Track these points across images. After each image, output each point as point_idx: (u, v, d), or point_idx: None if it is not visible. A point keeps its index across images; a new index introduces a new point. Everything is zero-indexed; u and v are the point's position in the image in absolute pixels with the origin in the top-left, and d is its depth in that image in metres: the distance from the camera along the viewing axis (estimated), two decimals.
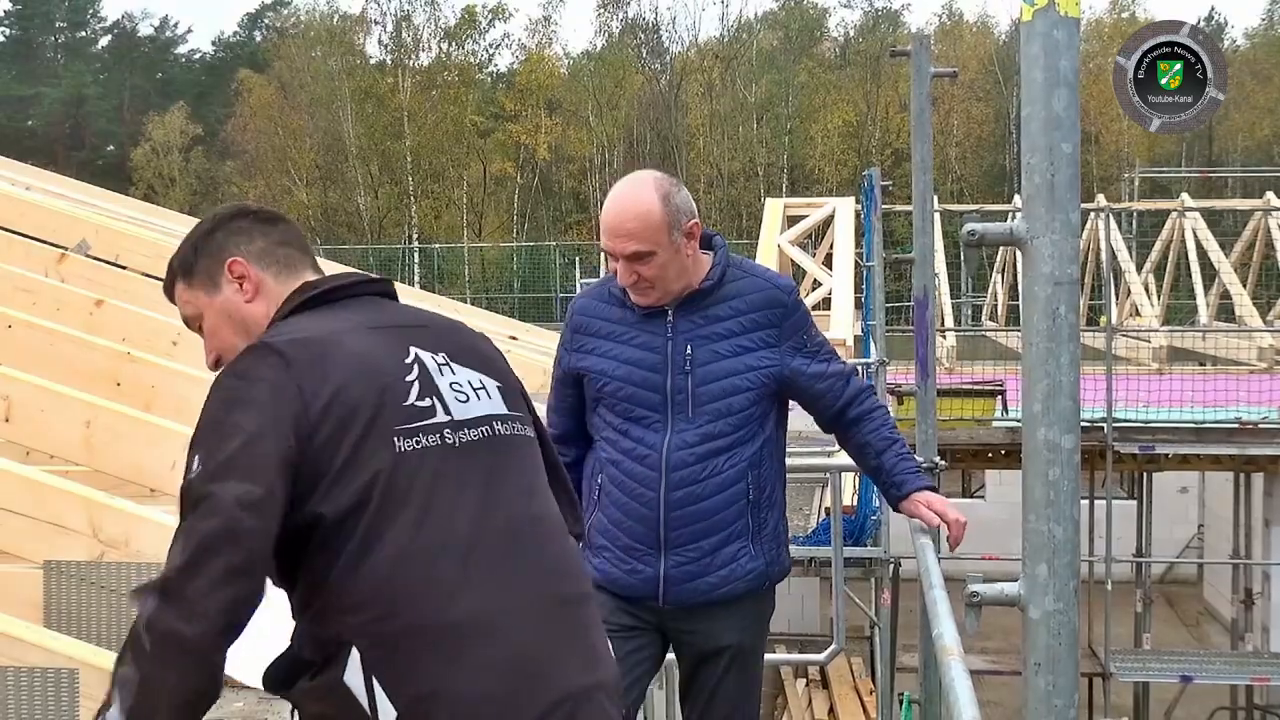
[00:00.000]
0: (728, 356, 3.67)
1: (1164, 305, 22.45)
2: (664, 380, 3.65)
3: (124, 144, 63.18)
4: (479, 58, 62.10)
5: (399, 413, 2.35)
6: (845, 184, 44.51)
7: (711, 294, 3.69)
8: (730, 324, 3.69)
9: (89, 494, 4.66)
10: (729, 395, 3.66)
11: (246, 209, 2.70)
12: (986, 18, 60.87)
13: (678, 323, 3.67)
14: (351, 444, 2.28)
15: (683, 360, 3.64)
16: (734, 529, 3.68)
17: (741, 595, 3.73)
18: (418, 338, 2.49)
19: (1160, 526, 17.94)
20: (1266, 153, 51.66)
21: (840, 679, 14.12)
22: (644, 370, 3.65)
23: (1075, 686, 2.12)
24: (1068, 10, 2.02)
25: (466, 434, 2.40)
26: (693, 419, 3.63)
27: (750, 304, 3.71)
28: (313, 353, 2.35)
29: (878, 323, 11.65)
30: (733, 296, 3.71)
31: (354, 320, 2.48)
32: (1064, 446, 2.06)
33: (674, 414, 3.64)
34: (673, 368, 3.64)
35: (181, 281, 2.65)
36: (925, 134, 5.28)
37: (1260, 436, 14.54)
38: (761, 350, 3.70)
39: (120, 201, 12.94)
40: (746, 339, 3.69)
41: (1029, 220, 2.07)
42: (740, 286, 3.73)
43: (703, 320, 3.68)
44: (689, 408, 3.64)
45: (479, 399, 2.46)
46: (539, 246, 44.29)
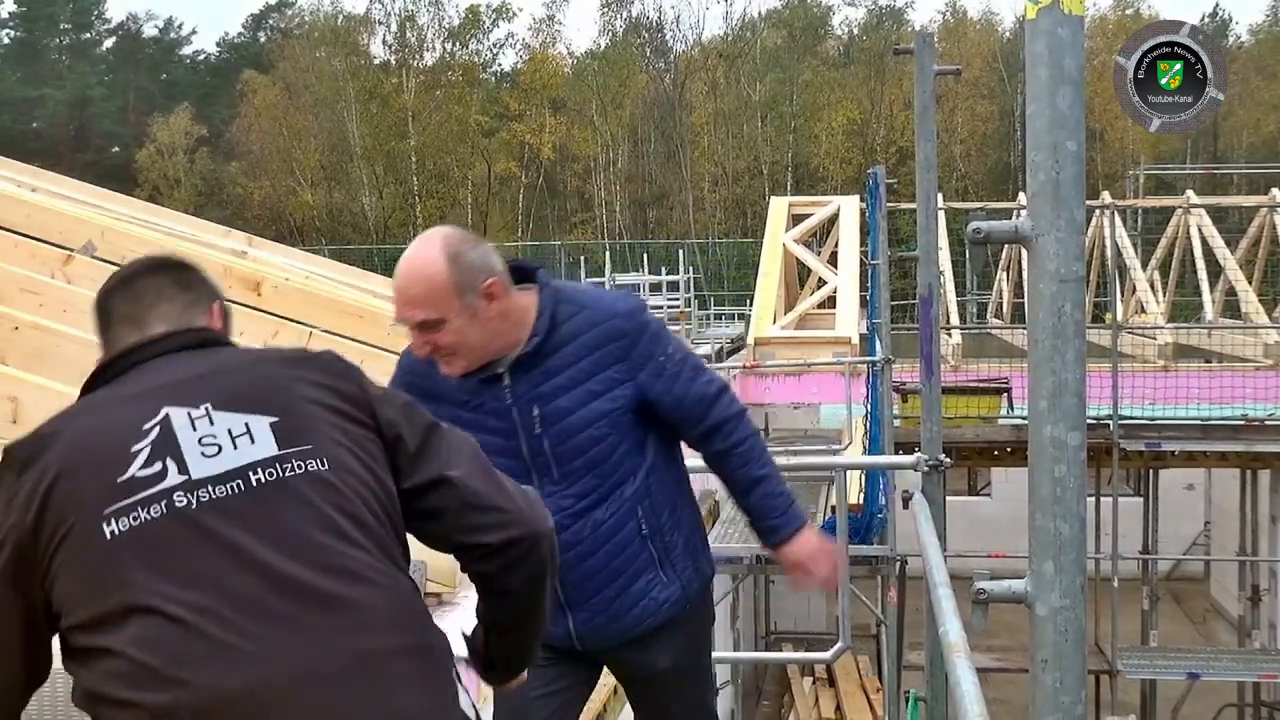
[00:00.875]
0: (578, 408, 3.33)
1: (1169, 302, 22.43)
2: (520, 445, 3.33)
3: (129, 145, 63.30)
4: (483, 57, 62.32)
5: (112, 492, 2.15)
6: (850, 182, 44.56)
7: (543, 348, 3.32)
8: (572, 373, 3.34)
9: None
10: (591, 448, 3.35)
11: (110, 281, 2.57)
12: (990, 14, 61.13)
13: (515, 386, 3.33)
14: (65, 544, 2.14)
15: (531, 423, 3.33)
16: (636, 565, 3.46)
17: (663, 624, 3.52)
18: (180, 394, 2.26)
19: (1167, 523, 17.92)
20: (1272, 149, 51.61)
21: (847, 677, 14.14)
22: (499, 439, 3.29)
23: (1082, 683, 2.13)
24: (1072, 8, 2.02)
25: (208, 492, 2.17)
26: (559, 481, 3.34)
27: (590, 343, 3.34)
28: (34, 450, 2.21)
29: (883, 321, 11.61)
30: (569, 340, 3.34)
31: (120, 392, 2.32)
32: (1070, 444, 2.06)
33: (541, 478, 3.33)
34: (524, 433, 3.33)
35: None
36: (929, 132, 5.28)
37: (1266, 433, 14.53)
38: (615, 390, 3.36)
39: (125, 203, 12.95)
40: (594, 384, 3.34)
41: (1034, 218, 2.07)
42: (576, 325, 3.34)
43: (542, 376, 3.33)
44: (553, 469, 3.34)
45: (235, 447, 2.21)
46: (544, 246, 44.30)
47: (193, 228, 12.50)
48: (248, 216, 52.88)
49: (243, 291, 9.16)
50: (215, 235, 12.27)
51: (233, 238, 12.62)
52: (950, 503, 5.45)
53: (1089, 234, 23.55)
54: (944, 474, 5.21)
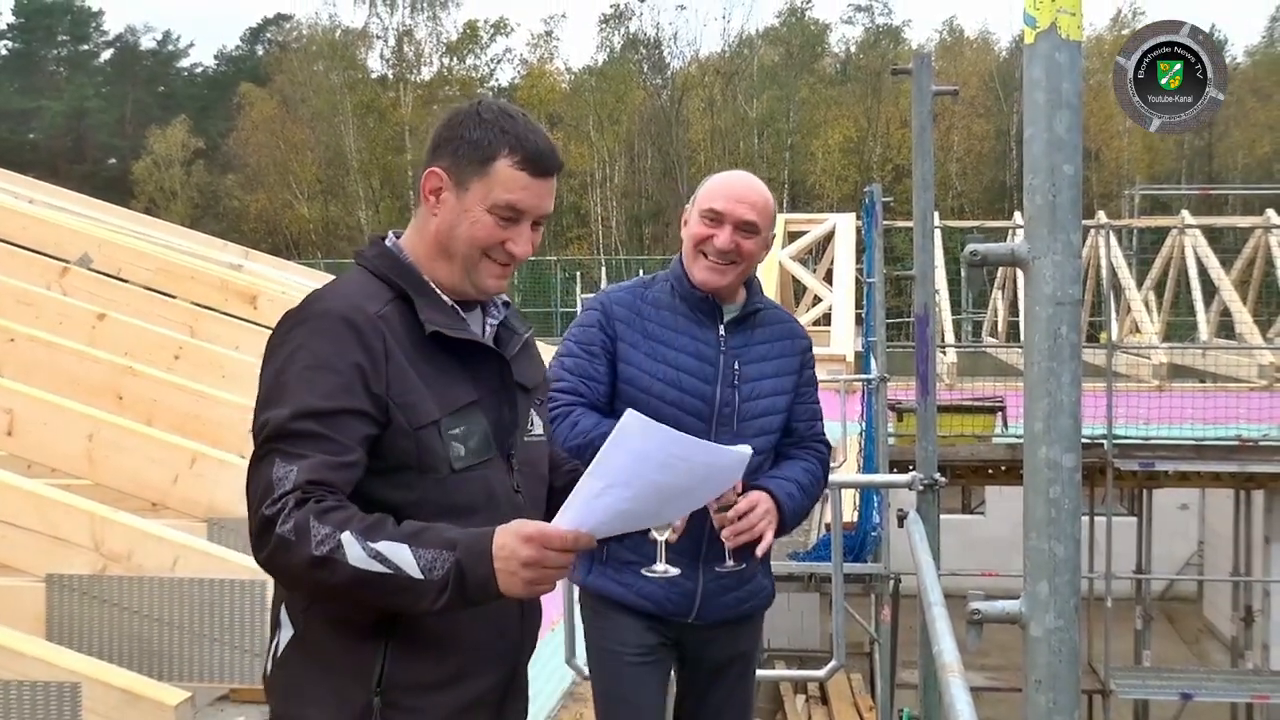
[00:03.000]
0: (769, 377, 3.70)
1: (1164, 322, 22.47)
2: (713, 391, 3.63)
3: (125, 157, 63.28)
4: (480, 72, 62.30)
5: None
6: (846, 199, 44.61)
7: (754, 318, 3.74)
8: (766, 349, 3.73)
9: (91, 507, 4.66)
10: (767, 414, 3.69)
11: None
12: (988, 34, 61.11)
13: (730, 338, 3.69)
14: None
15: (731, 375, 3.65)
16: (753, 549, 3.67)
17: (756, 611, 3.82)
18: None
19: (1160, 543, 17.95)
20: (1267, 170, 51.71)
21: (840, 695, 14.11)
22: (695, 379, 3.63)
23: (1076, 704, 2.13)
24: (1070, 34, 2.03)
25: None
26: (737, 432, 3.61)
27: (783, 342, 3.78)
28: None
29: (878, 339, 11.65)
30: (767, 324, 3.77)
31: None
32: (1065, 465, 2.07)
33: (718, 426, 3.61)
34: (722, 380, 3.64)
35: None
36: (926, 151, 5.29)
37: (1261, 454, 14.55)
38: (786, 379, 3.74)
39: (122, 215, 12.98)
40: (775, 365, 3.73)
41: (1031, 241, 2.08)
42: (772, 316, 3.81)
43: (747, 341, 3.71)
44: (734, 422, 3.63)
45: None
46: (540, 261, 44.18)
47: (189, 240, 12.51)
48: (244, 229, 52.85)
49: (239, 304, 9.17)
50: (212, 248, 12.28)
51: (229, 251, 12.63)
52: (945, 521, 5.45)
53: (1084, 253, 23.60)
54: (938, 492, 5.22)
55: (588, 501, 2.30)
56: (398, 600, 2.29)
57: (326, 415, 2.36)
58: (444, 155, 2.57)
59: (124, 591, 4.33)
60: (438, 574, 2.26)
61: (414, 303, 2.52)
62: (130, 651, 4.24)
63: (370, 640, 2.45)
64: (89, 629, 4.27)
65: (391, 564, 2.25)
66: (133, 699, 3.70)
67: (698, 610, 3.67)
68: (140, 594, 4.32)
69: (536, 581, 2.30)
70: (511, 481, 2.61)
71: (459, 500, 2.47)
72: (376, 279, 2.56)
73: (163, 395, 6.21)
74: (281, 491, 2.29)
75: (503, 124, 2.56)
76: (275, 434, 2.36)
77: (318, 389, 2.37)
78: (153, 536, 4.59)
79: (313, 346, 2.41)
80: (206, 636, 4.27)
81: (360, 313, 2.45)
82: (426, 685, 2.48)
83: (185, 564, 4.50)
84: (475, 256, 2.56)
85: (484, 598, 2.29)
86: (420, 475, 2.45)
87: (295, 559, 2.27)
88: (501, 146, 2.53)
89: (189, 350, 7.35)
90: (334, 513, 2.28)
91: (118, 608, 4.30)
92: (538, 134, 2.58)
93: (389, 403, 2.42)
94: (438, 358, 2.51)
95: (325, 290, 2.58)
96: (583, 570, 3.72)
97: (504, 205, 2.53)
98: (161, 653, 4.26)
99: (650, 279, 3.81)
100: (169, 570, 4.48)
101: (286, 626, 2.52)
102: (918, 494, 5.19)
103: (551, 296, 39.13)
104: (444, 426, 2.47)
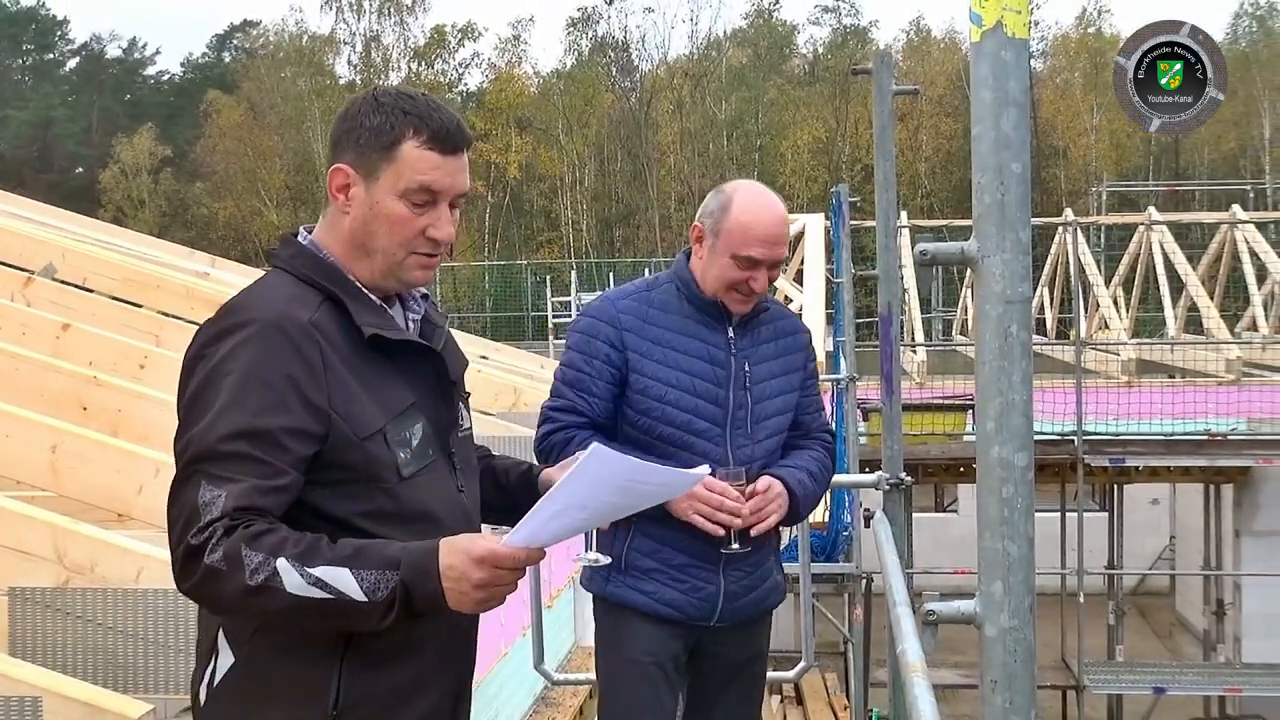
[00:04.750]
0: (778, 376, 3.71)
1: (1133, 318, 22.56)
2: (727, 395, 3.62)
3: (92, 166, 62.93)
4: (449, 77, 62.18)
5: None
6: (815, 200, 44.61)
7: (758, 317, 3.73)
8: (772, 348, 3.73)
9: (54, 519, 4.63)
10: (778, 414, 3.70)
11: None
12: (954, 34, 61.13)
13: (739, 340, 3.67)
14: None
15: (743, 378, 3.64)
16: (769, 545, 3.75)
17: (771, 609, 3.85)
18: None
19: (1132, 538, 18.01)
20: (1233, 166, 52.07)
21: (815, 695, 14.11)
22: (709, 383, 3.61)
23: (1032, 703, 2.13)
24: (1016, 32, 2.03)
25: None
26: (751, 434, 3.63)
27: (788, 339, 3.78)
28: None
29: (847, 338, 11.66)
30: (771, 322, 3.77)
31: None
32: (1017, 464, 2.06)
33: (733, 430, 3.61)
34: (735, 383, 3.63)
35: None
36: (888, 151, 5.31)
37: (1229, 448, 14.64)
38: (792, 376, 3.76)
39: (88, 224, 12.90)
40: (782, 363, 3.74)
41: (980, 239, 2.07)
42: (774, 314, 3.81)
43: (754, 341, 3.70)
44: (748, 424, 3.63)
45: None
46: (510, 265, 44.26)
47: (155, 249, 12.44)
48: (213, 237, 52.63)
49: (206, 313, 9.11)
50: (178, 256, 12.22)
51: (195, 259, 12.57)
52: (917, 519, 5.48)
53: (1052, 250, 23.73)
54: (907, 492, 5.23)
55: (543, 522, 2.25)
56: (340, 622, 2.24)
57: (257, 435, 2.24)
58: (347, 149, 2.45)
59: (87, 604, 4.29)
60: (382, 595, 2.19)
61: (345, 305, 2.41)
62: (93, 664, 4.21)
63: (323, 661, 2.35)
64: (51, 642, 4.23)
65: (332, 589, 2.17)
66: (95, 712, 3.67)
67: (719, 613, 3.66)
68: (104, 606, 4.28)
69: (488, 600, 2.25)
70: (455, 481, 2.55)
71: (408, 508, 2.39)
72: (300, 281, 2.43)
73: (128, 405, 6.17)
74: (209, 519, 2.18)
75: (403, 105, 2.44)
76: (200, 455, 2.24)
77: (248, 406, 2.25)
78: (116, 548, 4.56)
79: (243, 358, 2.29)
80: (171, 648, 4.24)
81: (292, 321, 2.33)
82: (383, 700, 2.41)
83: (149, 575, 4.47)
84: (397, 250, 2.44)
85: (431, 613, 2.24)
86: (368, 485, 2.36)
87: (227, 590, 2.18)
88: (405, 128, 2.41)
89: (154, 360, 7.30)
90: (266, 537, 2.18)
91: (81, 620, 4.26)
92: (441, 111, 2.46)
93: (330, 414, 2.31)
94: (374, 361, 2.41)
95: (246, 297, 2.45)
96: (600, 581, 3.71)
97: (417, 188, 2.41)
98: (125, 665, 4.22)
99: (653, 281, 3.76)
100: (133, 582, 4.45)
101: (226, 653, 2.39)
102: (884, 493, 5.21)
103: (522, 301, 39.11)
104: (389, 434, 2.38)
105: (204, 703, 2.43)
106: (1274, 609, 16.28)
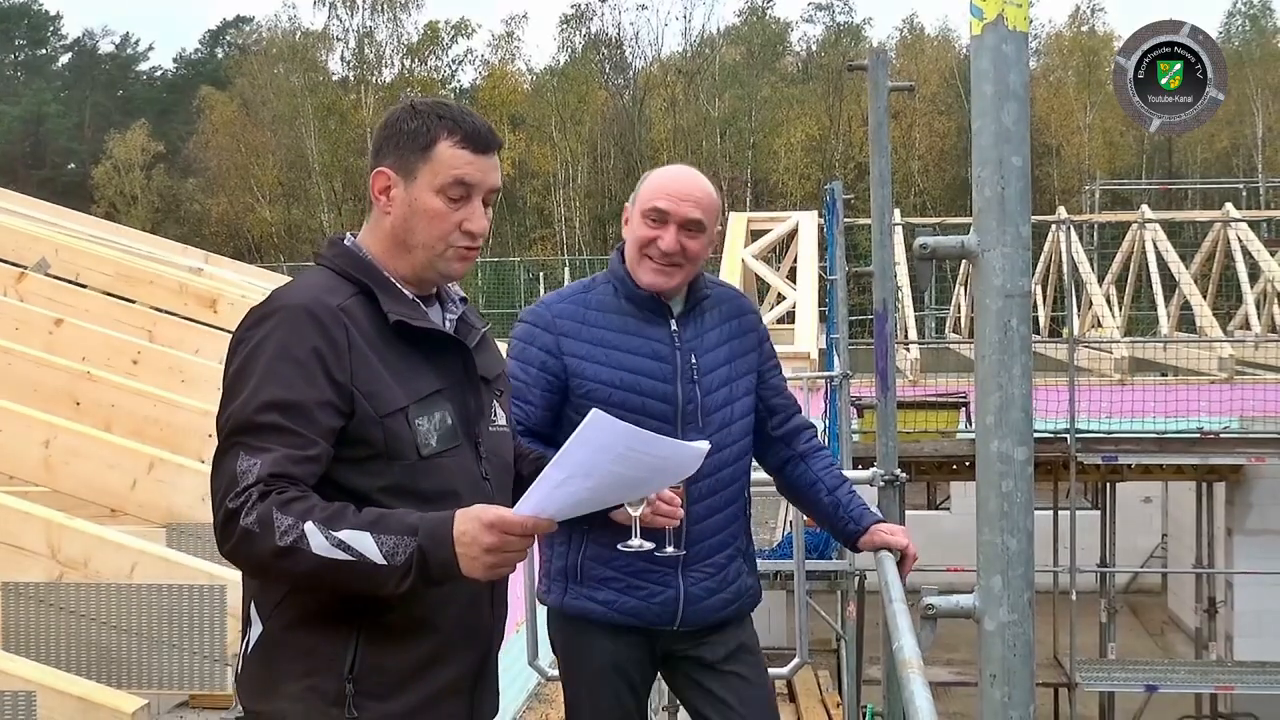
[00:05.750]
0: (724, 364, 3.60)
1: (1125, 316, 22.57)
2: (674, 390, 3.51)
3: (85, 162, 62.83)
4: (442, 74, 62.09)
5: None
6: (809, 198, 44.66)
7: (703, 302, 3.63)
8: (718, 333, 3.62)
9: (48, 514, 4.62)
10: (730, 403, 3.58)
11: None
12: (948, 31, 61.17)
13: (682, 331, 3.57)
14: None
15: (689, 370, 3.54)
16: (735, 545, 3.63)
17: (744, 611, 3.70)
18: None
19: (1124, 536, 18.04)
20: (1225, 164, 52.08)
21: (808, 692, 14.12)
22: (654, 380, 3.51)
23: (1031, 698, 2.13)
24: (1016, 25, 2.03)
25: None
26: (703, 429, 3.48)
27: (733, 322, 3.67)
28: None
29: (841, 336, 11.64)
30: (714, 306, 3.66)
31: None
32: (1017, 459, 2.06)
33: (684, 425, 3.49)
34: (681, 376, 3.53)
35: None
36: (883, 148, 5.30)
37: (1222, 446, 14.66)
38: (745, 359, 3.65)
39: (81, 220, 12.89)
40: (729, 348, 3.62)
41: (980, 233, 2.07)
42: (718, 296, 3.69)
43: (699, 331, 3.60)
44: (699, 418, 3.52)
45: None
46: (503, 262, 44.15)
47: (148, 245, 12.43)
48: (205, 233, 52.56)
49: (199, 308, 9.13)
50: (171, 252, 12.21)
51: (189, 255, 12.56)
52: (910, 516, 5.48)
53: (1046, 249, 23.73)
54: (900, 488, 5.23)
55: (549, 491, 2.37)
56: (362, 585, 2.37)
57: (289, 407, 2.42)
58: (387, 153, 2.65)
59: (81, 599, 4.29)
60: (400, 559, 2.33)
61: (376, 296, 2.58)
62: (87, 659, 4.21)
63: (342, 629, 2.50)
64: (45, 637, 4.23)
65: (355, 551, 2.32)
66: (89, 707, 3.67)
67: (681, 617, 3.55)
68: (97, 601, 4.28)
69: (498, 565, 2.38)
70: (479, 469, 2.67)
71: (428, 486, 2.53)
72: (337, 275, 2.63)
73: (121, 400, 6.17)
74: (245, 484, 2.36)
75: (438, 111, 2.65)
76: (239, 427, 2.42)
77: (280, 381, 2.43)
78: (110, 543, 4.56)
79: (275, 339, 2.47)
80: (165, 643, 4.24)
81: (321, 305, 2.51)
82: (399, 671, 2.54)
83: (143, 570, 4.47)
84: (436, 244, 2.62)
85: (446, 579, 2.36)
86: (389, 462, 2.51)
87: (259, 550, 2.34)
88: (440, 130, 2.61)
89: (148, 355, 7.30)
90: (296, 503, 2.35)
91: (75, 615, 4.26)
92: (473, 115, 2.68)
93: (353, 391, 2.48)
94: (401, 348, 2.57)
95: (287, 287, 2.64)
96: (557, 594, 3.62)
97: (452, 183, 2.60)
98: (119, 660, 4.22)
99: (590, 282, 3.67)
100: (127, 576, 4.45)
101: (256, 624, 2.57)
102: (879, 490, 5.20)
103: (515, 298, 39.09)
104: (411, 414, 2.53)
105: (240, 670, 2.62)
106: (1265, 607, 16.31)
